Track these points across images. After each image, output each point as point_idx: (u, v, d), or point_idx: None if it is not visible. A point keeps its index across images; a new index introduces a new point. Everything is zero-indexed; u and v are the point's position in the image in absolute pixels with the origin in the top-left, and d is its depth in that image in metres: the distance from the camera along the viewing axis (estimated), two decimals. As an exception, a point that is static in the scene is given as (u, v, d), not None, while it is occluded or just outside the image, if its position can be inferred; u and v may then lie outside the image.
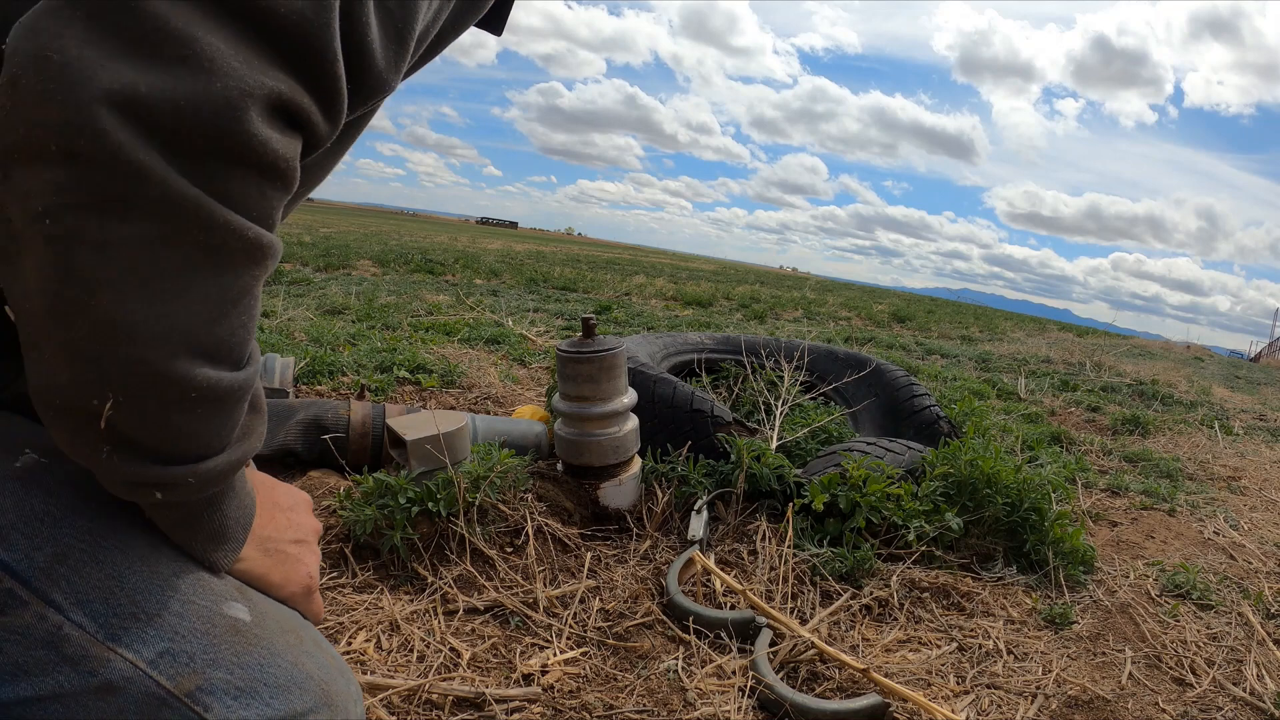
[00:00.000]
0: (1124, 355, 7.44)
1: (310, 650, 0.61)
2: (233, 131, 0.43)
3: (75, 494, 0.57)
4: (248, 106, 0.43)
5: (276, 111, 0.46)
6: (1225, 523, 2.14)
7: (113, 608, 0.54)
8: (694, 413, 1.75)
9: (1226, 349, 20.35)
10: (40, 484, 0.56)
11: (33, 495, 0.56)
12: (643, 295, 8.69)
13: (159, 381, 0.47)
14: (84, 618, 0.53)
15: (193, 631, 0.55)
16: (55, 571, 0.54)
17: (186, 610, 0.56)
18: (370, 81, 0.53)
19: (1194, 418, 4.00)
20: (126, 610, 0.54)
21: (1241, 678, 1.28)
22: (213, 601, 0.58)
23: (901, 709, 1.07)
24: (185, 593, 0.57)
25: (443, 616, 1.17)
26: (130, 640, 0.53)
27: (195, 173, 0.43)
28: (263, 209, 0.47)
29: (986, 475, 1.60)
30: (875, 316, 9.69)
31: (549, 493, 1.50)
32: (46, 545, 0.54)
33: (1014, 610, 1.43)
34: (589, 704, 1.01)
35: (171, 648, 0.54)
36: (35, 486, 0.56)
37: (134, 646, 0.53)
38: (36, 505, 0.55)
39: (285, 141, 0.46)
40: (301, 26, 0.45)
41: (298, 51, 0.46)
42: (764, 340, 2.75)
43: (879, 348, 5.70)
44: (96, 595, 0.54)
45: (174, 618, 0.55)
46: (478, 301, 5.49)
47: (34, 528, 0.54)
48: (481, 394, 2.57)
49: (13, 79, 0.41)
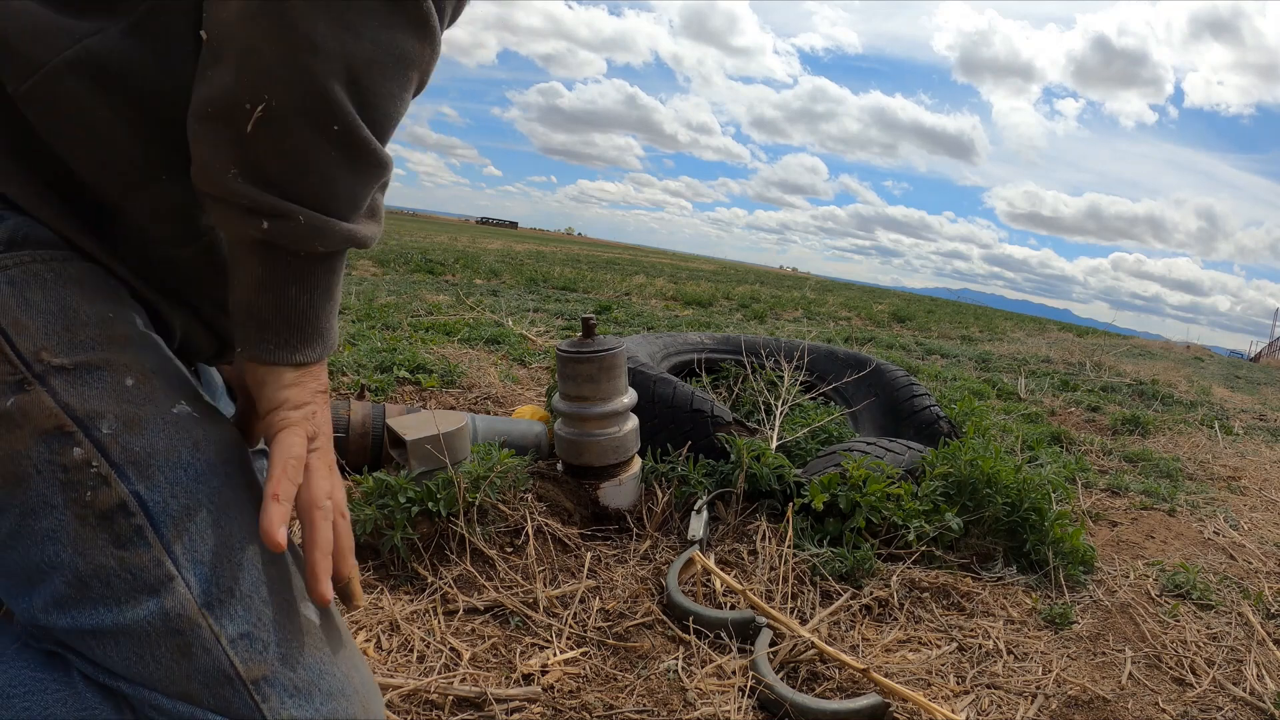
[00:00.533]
0: (1124, 355, 7.45)
1: (356, 663, 0.62)
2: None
3: (217, 454, 0.59)
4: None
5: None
6: (1225, 523, 2.14)
7: (218, 576, 0.55)
8: (694, 413, 1.75)
9: (1226, 349, 20.37)
10: (190, 435, 0.58)
11: (182, 443, 0.57)
12: (643, 295, 8.69)
13: (314, 95, 0.52)
14: (192, 576, 0.54)
15: (274, 622, 0.56)
16: (182, 525, 0.55)
17: (274, 600, 0.57)
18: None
19: (1194, 418, 4.00)
20: (227, 584, 0.55)
21: (1241, 678, 1.28)
22: (294, 597, 0.59)
23: (901, 709, 1.07)
24: (275, 583, 0.58)
25: (443, 616, 1.17)
26: (221, 613, 0.55)
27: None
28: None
29: (986, 475, 1.60)
30: (875, 316, 9.69)
31: (549, 493, 1.50)
32: (182, 495, 0.56)
33: (1014, 610, 1.43)
34: (589, 704, 1.01)
35: (253, 632, 0.55)
36: (186, 436, 0.58)
37: (222, 620, 0.55)
38: (184, 454, 0.57)
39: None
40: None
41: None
42: (764, 340, 2.75)
43: (879, 348, 5.70)
44: (209, 559, 0.55)
45: (262, 604, 0.56)
46: (478, 301, 5.49)
47: (176, 474, 0.56)
48: (481, 394, 2.57)
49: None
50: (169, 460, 0.56)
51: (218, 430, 0.61)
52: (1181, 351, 11.47)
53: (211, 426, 0.60)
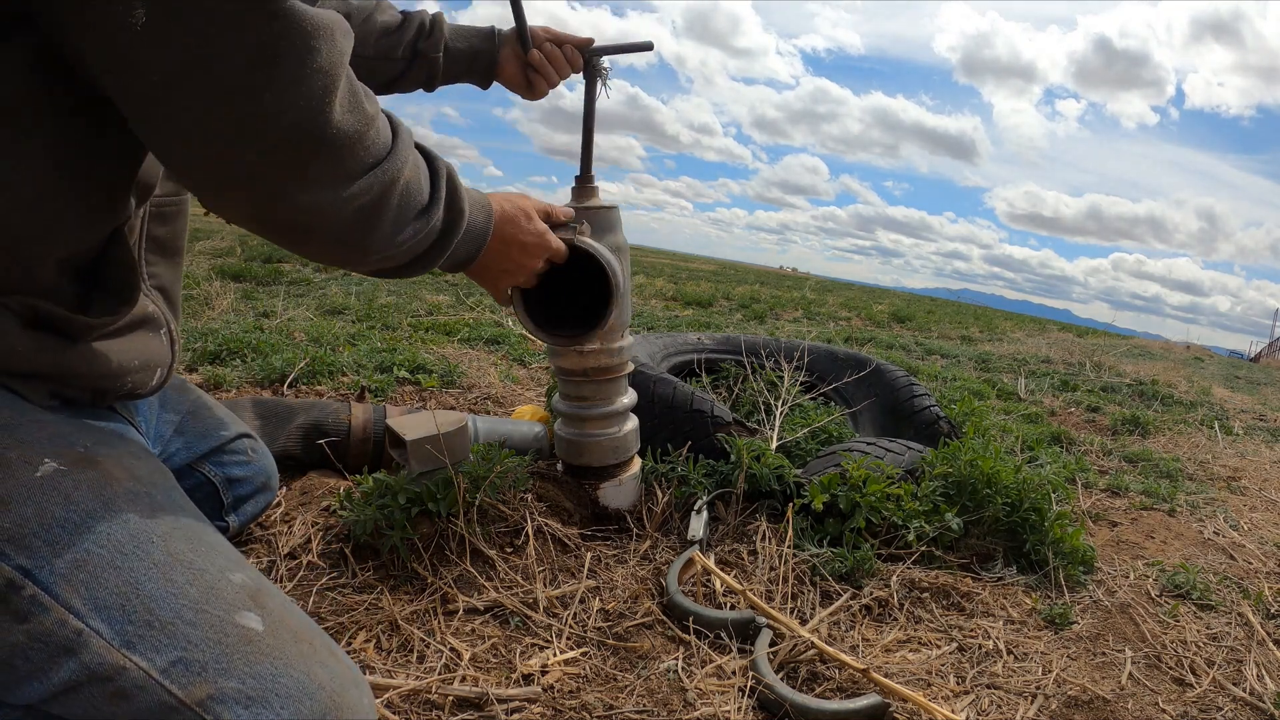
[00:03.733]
0: (1124, 355, 7.44)
1: (324, 659, 0.61)
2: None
3: (94, 501, 0.58)
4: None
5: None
6: (1225, 523, 2.14)
7: (129, 615, 0.55)
8: (694, 413, 1.75)
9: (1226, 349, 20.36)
10: (60, 491, 0.57)
11: (53, 503, 0.57)
12: (642, 295, 8.69)
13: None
14: (102, 624, 0.54)
15: (205, 641, 0.56)
16: (75, 578, 0.55)
17: (200, 619, 0.57)
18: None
19: (1194, 418, 4.00)
20: (142, 618, 0.55)
21: (1241, 678, 1.28)
22: (226, 611, 0.58)
23: (901, 709, 1.07)
24: (199, 602, 0.57)
25: (443, 616, 1.17)
26: (144, 648, 0.54)
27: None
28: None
29: (986, 475, 1.60)
30: (875, 316, 9.68)
31: (549, 493, 1.50)
32: (67, 552, 0.55)
33: (1014, 610, 1.43)
34: (589, 704, 1.01)
35: (184, 656, 0.55)
36: (55, 493, 0.57)
37: (148, 655, 0.54)
38: (57, 512, 0.56)
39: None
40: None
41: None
42: (764, 340, 2.75)
43: (879, 348, 5.70)
44: (114, 602, 0.55)
45: (187, 627, 0.56)
46: (477, 301, 5.49)
47: (55, 534, 0.55)
48: (481, 394, 2.57)
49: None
50: (42, 524, 0.55)
51: (96, 472, 0.60)
52: (1181, 352, 11.47)
53: (86, 472, 0.60)
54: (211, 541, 0.64)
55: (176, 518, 0.63)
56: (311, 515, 1.39)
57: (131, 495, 0.61)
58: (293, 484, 1.52)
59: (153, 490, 0.63)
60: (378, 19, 1.24)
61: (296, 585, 1.21)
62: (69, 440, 0.61)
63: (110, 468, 0.62)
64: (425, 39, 1.28)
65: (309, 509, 1.41)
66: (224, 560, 0.62)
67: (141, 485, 0.62)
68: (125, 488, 0.61)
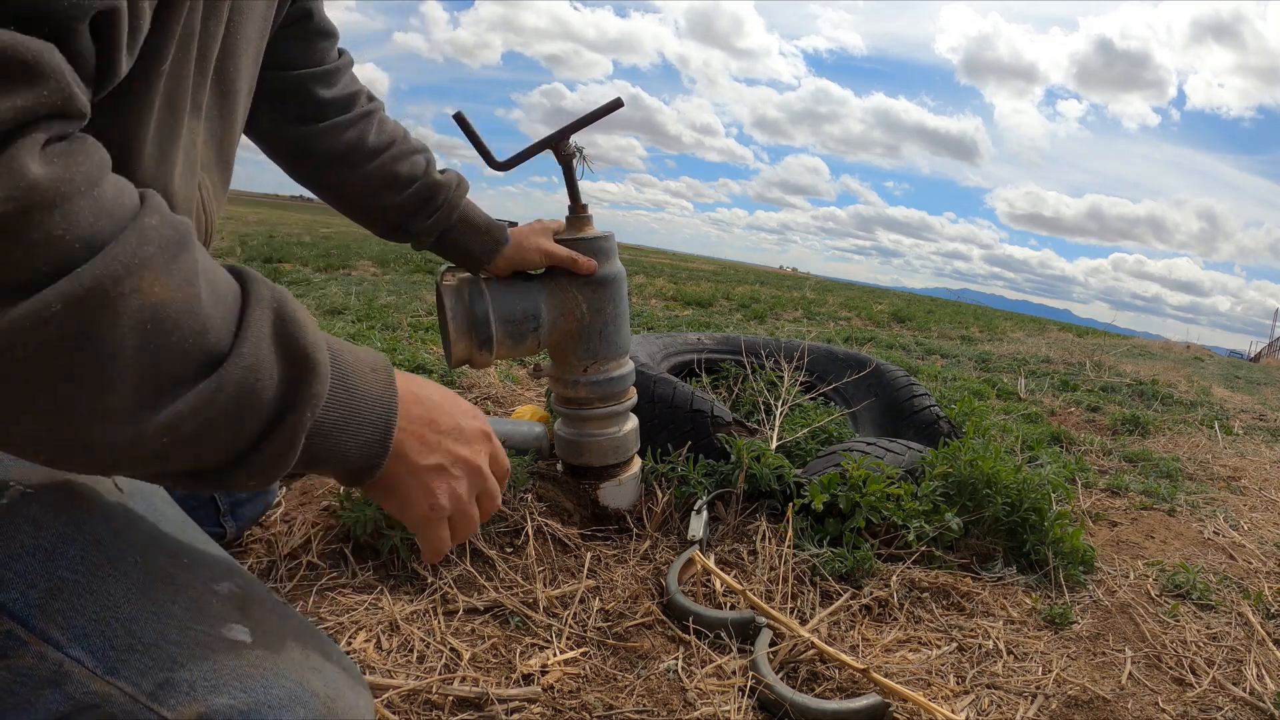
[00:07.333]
0: (1124, 355, 7.44)
1: (317, 664, 0.60)
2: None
3: (65, 523, 0.57)
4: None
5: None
6: (1225, 523, 2.14)
7: (110, 640, 0.53)
8: (694, 413, 1.75)
9: (1226, 349, 20.36)
10: (27, 518, 0.55)
11: (20, 531, 0.55)
12: (643, 295, 8.69)
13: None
14: (82, 652, 0.53)
15: (192, 659, 0.54)
16: (51, 607, 0.53)
17: (185, 637, 0.55)
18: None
19: (1194, 418, 4.00)
20: (124, 642, 0.53)
21: (1241, 678, 1.28)
22: (210, 625, 0.57)
23: (901, 709, 1.07)
24: (182, 619, 0.56)
25: (443, 617, 1.17)
26: (129, 673, 0.53)
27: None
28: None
29: (986, 475, 1.60)
30: (875, 316, 9.69)
31: (549, 493, 1.50)
32: (40, 581, 0.53)
33: (1014, 610, 1.43)
34: (589, 704, 1.01)
35: (171, 677, 0.53)
36: (22, 521, 0.55)
37: (133, 679, 0.53)
38: (26, 541, 0.54)
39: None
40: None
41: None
42: (764, 340, 2.75)
43: (879, 348, 5.70)
44: (93, 628, 0.53)
45: (173, 646, 0.54)
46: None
47: (25, 564, 0.54)
48: (481, 394, 2.57)
49: None
50: (10, 555, 0.54)
51: (65, 492, 0.58)
52: (1181, 351, 11.46)
53: (55, 493, 0.58)
54: (196, 551, 0.62)
55: (156, 528, 0.61)
56: (311, 515, 1.39)
57: (105, 511, 0.59)
58: (293, 484, 1.52)
59: (129, 501, 0.61)
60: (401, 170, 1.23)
61: (296, 585, 1.21)
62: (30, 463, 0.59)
63: (81, 484, 0.60)
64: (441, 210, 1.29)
65: (309, 509, 1.41)
66: (209, 570, 0.61)
67: (116, 496, 0.61)
68: (99, 503, 0.59)
